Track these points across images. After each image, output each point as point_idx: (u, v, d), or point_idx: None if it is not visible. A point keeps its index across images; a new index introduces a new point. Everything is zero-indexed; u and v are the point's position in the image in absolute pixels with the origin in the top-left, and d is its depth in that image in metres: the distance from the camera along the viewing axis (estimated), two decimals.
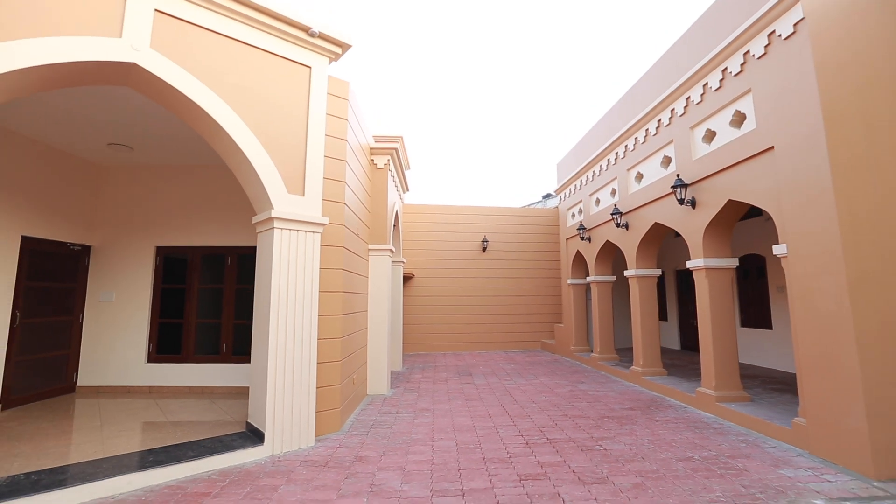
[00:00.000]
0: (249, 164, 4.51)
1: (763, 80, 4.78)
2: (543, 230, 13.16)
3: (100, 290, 6.88)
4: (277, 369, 4.44)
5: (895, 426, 3.65)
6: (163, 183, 7.14)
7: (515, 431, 5.04)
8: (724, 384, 5.59)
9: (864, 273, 3.84)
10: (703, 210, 5.82)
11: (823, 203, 4.04)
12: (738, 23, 5.11)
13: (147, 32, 3.95)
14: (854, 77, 4.14)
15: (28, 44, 3.36)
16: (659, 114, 6.85)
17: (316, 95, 5.11)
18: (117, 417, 5.29)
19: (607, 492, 3.44)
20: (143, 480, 3.61)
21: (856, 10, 4.26)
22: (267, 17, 4.66)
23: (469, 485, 3.60)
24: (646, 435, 4.85)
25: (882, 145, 4.04)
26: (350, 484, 3.64)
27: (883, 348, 3.75)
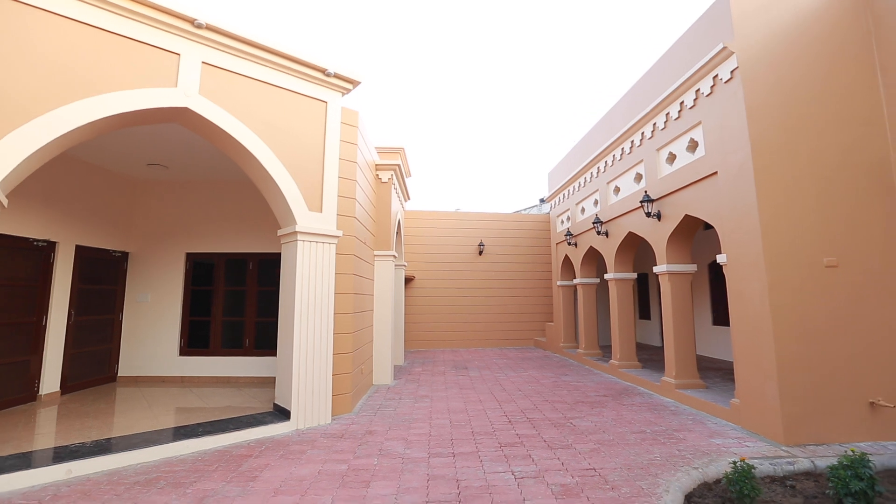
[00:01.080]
0: (277, 187, 5.40)
1: (710, 114, 5.65)
2: (536, 235, 14.03)
3: (137, 292, 7.78)
4: (300, 359, 5.32)
5: (801, 404, 4.52)
6: (192, 196, 8.04)
7: (501, 413, 5.92)
8: (683, 373, 6.46)
9: (781, 281, 4.71)
10: (667, 222, 6.69)
11: (751, 222, 4.92)
12: (692, 63, 5.97)
13: (196, 81, 4.84)
14: (779, 117, 5.01)
15: (112, 97, 4.26)
16: (632, 135, 7.72)
17: (331, 125, 6.00)
18: (161, 401, 6.18)
19: (568, 454, 4.32)
20: (196, 446, 4.50)
21: (783, 60, 5.12)
22: (290, 62, 5.55)
23: (459, 449, 4.48)
24: (611, 415, 5.73)
25: (799, 176, 4.90)
26: (363, 449, 4.53)
27: (793, 343, 4.62)
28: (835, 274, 4.77)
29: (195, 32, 4.81)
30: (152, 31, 4.57)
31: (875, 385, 4.61)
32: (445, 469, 3.98)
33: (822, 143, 4.99)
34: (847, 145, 4.99)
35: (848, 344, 4.66)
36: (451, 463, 4.13)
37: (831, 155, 4.97)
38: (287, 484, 3.69)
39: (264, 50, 5.31)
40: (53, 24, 4.03)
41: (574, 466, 4.01)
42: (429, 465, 4.10)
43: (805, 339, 4.64)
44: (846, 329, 4.68)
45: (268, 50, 5.33)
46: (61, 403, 6.06)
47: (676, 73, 6.31)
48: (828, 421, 4.52)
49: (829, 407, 4.56)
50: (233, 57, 5.13)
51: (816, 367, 4.61)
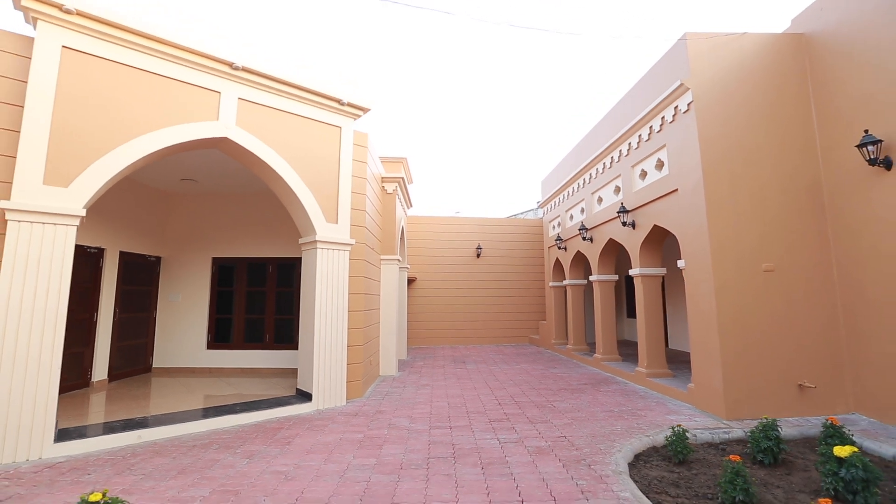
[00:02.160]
0: (299, 202, 6.30)
1: (672, 139, 6.53)
2: (530, 238, 14.92)
3: (169, 292, 8.69)
4: (320, 350, 6.22)
5: (740, 386, 5.40)
6: (218, 207, 8.95)
7: (493, 397, 6.81)
8: (654, 364, 7.34)
9: (726, 283, 5.60)
10: (640, 231, 7.58)
11: (702, 234, 5.81)
12: (658, 93, 6.86)
13: (234, 114, 5.75)
14: (727, 144, 5.90)
15: (167, 131, 5.17)
16: (612, 151, 8.60)
17: (345, 147, 6.90)
18: (197, 388, 7.09)
19: (546, 426, 5.21)
20: (236, 420, 5.40)
21: (732, 95, 6.01)
22: (311, 94, 6.45)
23: (455, 424, 5.38)
24: (588, 399, 6.62)
25: (743, 195, 5.79)
26: (374, 424, 5.42)
27: (735, 336, 5.50)
28: (772, 277, 5.66)
29: (232, 73, 5.72)
30: (198, 73, 5.48)
31: (803, 370, 5.50)
32: (443, 437, 4.88)
33: (764, 166, 5.88)
34: (785, 169, 5.88)
35: (781, 336, 5.55)
36: (448, 433, 5.03)
37: (771, 177, 5.85)
38: (316, 447, 4.59)
39: (289, 85, 6.21)
40: (120, 73, 4.94)
41: (549, 435, 4.90)
42: (430, 434, 4.99)
43: (745, 333, 5.53)
44: (780, 324, 5.57)
45: (292, 85, 6.23)
46: (110, 389, 6.97)
47: (647, 100, 7.20)
48: (763, 400, 5.41)
49: (765, 388, 5.45)
50: (263, 92, 6.04)
51: (754, 356, 5.49)
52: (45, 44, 4.53)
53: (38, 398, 4.17)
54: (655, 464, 4.23)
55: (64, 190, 4.51)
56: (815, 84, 6.02)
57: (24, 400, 4.12)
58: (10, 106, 4.45)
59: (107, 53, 4.87)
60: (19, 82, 4.51)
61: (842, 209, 5.63)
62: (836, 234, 5.71)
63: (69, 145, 4.58)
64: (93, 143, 4.71)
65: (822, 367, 5.53)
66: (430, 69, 63.10)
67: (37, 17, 4.52)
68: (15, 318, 4.15)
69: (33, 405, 4.15)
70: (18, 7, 4.51)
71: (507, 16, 53.17)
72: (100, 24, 4.76)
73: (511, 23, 39.56)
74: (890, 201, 5.01)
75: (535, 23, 54.41)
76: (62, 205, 4.48)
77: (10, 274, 4.18)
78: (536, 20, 55.67)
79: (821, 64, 5.95)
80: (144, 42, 5.04)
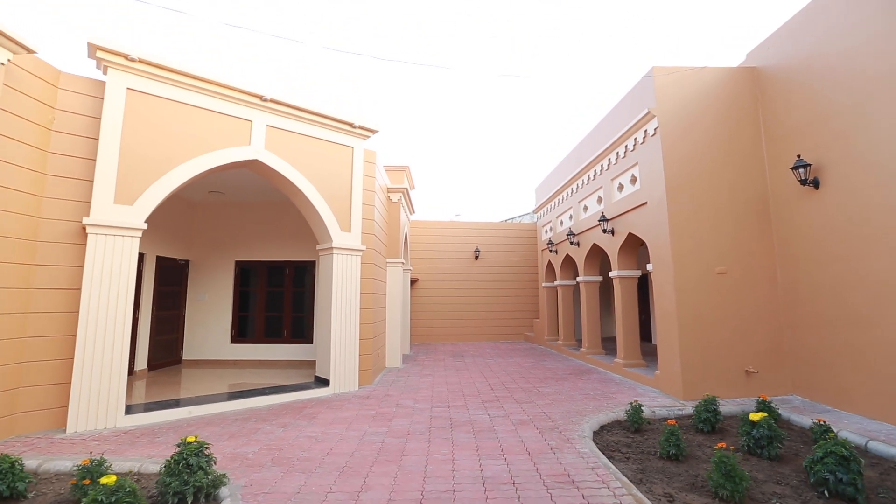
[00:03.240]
0: (318, 213, 7.26)
1: (643, 158, 7.48)
2: (525, 242, 15.87)
3: (196, 292, 9.66)
4: (336, 342, 7.18)
5: (695, 372, 6.34)
6: (240, 215, 9.92)
7: (486, 384, 7.76)
8: (629, 355, 8.29)
9: (684, 284, 6.54)
10: (618, 237, 8.52)
11: (665, 242, 6.75)
12: (632, 117, 7.80)
13: (263, 139, 6.71)
14: (686, 164, 6.84)
15: (209, 155, 6.13)
16: (595, 165, 9.55)
17: (356, 164, 7.86)
18: (226, 376, 8.05)
19: (529, 406, 6.16)
20: (267, 401, 6.36)
21: (691, 121, 6.95)
22: (327, 120, 7.40)
23: (452, 404, 6.33)
24: (569, 386, 7.56)
25: (699, 207, 6.73)
26: (384, 404, 6.38)
27: (692, 329, 6.44)
28: (724, 279, 6.60)
29: (262, 104, 6.68)
30: (234, 105, 6.44)
31: (749, 358, 6.44)
32: (442, 413, 5.84)
33: (719, 183, 6.82)
34: (735, 184, 6.82)
35: (731, 329, 6.50)
36: (446, 410, 5.98)
37: (723, 192, 6.80)
38: (336, 420, 5.55)
39: (308, 112, 7.16)
40: (172, 108, 5.91)
41: (531, 412, 5.85)
42: (431, 411, 5.95)
43: (701, 327, 6.47)
44: (730, 318, 6.52)
45: (311, 112, 7.18)
46: (150, 377, 7.94)
47: (623, 123, 8.14)
48: (715, 383, 6.35)
49: (717, 374, 6.39)
50: (287, 119, 7.00)
51: (708, 346, 6.44)
52: (114, 86, 5.50)
53: (112, 378, 5.14)
54: (615, 432, 5.17)
55: (130, 207, 5.48)
56: (765, 112, 6.97)
57: (102, 379, 5.08)
58: (88, 139, 5.42)
59: (161, 92, 5.83)
60: (94, 119, 5.48)
61: (783, 220, 6.58)
62: (779, 242, 6.66)
63: (133, 170, 5.54)
64: (151, 168, 5.68)
65: (765, 356, 6.48)
66: (431, 75, 63.96)
67: (107, 65, 5.48)
68: (95, 313, 5.12)
69: (109, 383, 5.12)
70: (93, 56, 5.47)
71: None
72: (156, 69, 5.72)
73: (502, 73, 40.53)
74: (817, 215, 5.96)
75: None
76: (128, 220, 5.44)
77: (90, 277, 5.15)
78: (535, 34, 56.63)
79: (769, 95, 6.89)
80: (191, 81, 5.99)
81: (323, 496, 3.42)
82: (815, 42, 6.05)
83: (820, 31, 5.99)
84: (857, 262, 5.43)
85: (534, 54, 58.82)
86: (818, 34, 6.01)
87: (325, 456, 4.29)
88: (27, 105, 4.99)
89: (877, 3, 5.20)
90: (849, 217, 5.54)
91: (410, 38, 57.44)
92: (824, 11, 5.93)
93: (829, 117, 5.82)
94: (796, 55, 6.38)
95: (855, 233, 5.46)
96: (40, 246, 5.09)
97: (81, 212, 5.30)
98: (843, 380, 5.63)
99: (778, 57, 6.73)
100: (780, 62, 6.69)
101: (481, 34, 54.31)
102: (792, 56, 6.46)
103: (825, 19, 5.91)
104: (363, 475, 3.82)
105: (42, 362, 4.97)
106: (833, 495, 3.38)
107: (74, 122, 5.40)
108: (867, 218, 5.30)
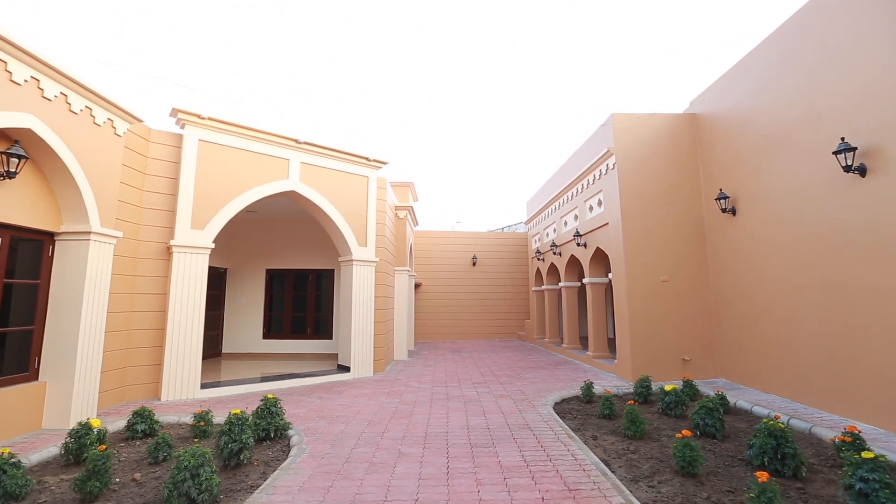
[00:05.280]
0: (340, 232, 8.94)
1: (605, 187, 9.13)
2: (518, 250, 17.51)
3: (234, 295, 11.36)
4: (355, 336, 8.85)
5: (643, 360, 7.97)
6: (270, 230, 11.63)
7: (478, 372, 9.41)
8: (598, 348, 9.92)
9: (635, 290, 8.17)
10: (589, 250, 10.16)
11: (621, 256, 8.40)
12: (597, 153, 9.45)
13: (298, 174, 8.40)
14: (638, 192, 8.48)
15: (257, 189, 7.82)
16: (573, 188, 11.20)
17: (371, 190, 9.54)
18: (263, 366, 9.73)
19: (510, 386, 7.80)
20: (301, 382, 8.03)
21: (643, 158, 8.59)
22: (348, 155, 9.09)
23: (449, 385, 7.99)
24: (545, 373, 9.20)
25: (648, 228, 8.37)
26: (395, 384, 8.04)
27: (639, 326, 8.07)
28: (667, 286, 8.24)
29: (297, 146, 8.37)
30: (276, 148, 8.13)
31: (685, 348, 8.07)
32: (441, 390, 7.50)
33: (663, 209, 8.46)
34: (679, 210, 8.46)
35: (671, 326, 8.13)
36: (444, 389, 7.64)
37: (668, 215, 8.44)
38: (359, 395, 7.21)
39: (333, 150, 8.85)
40: (231, 152, 7.60)
41: (511, 390, 7.50)
42: (432, 389, 7.61)
43: (647, 323, 8.11)
44: (671, 317, 8.15)
45: (335, 150, 8.87)
46: (204, 365, 9.62)
47: (592, 155, 9.80)
48: (658, 369, 7.97)
49: (659, 361, 8.02)
50: (316, 156, 8.69)
51: (653, 340, 8.07)
52: (189, 139, 7.20)
53: (192, 361, 6.82)
54: (572, 403, 6.81)
55: (201, 231, 7.18)
56: (702, 152, 8.62)
57: (184, 361, 6.76)
58: (170, 179, 7.12)
59: (223, 141, 7.53)
60: (174, 163, 7.18)
61: (713, 240, 8.23)
62: (711, 257, 8.30)
63: (203, 203, 7.24)
64: (217, 200, 7.37)
65: (698, 346, 8.11)
66: (433, 83, 65.85)
67: (184, 122, 7.18)
68: (178, 312, 6.81)
69: (190, 365, 6.80)
70: (174, 115, 7.18)
71: None
72: (220, 124, 7.42)
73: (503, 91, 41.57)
74: (735, 237, 7.60)
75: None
76: (201, 241, 7.14)
77: (175, 284, 6.84)
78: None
79: (705, 138, 8.54)
80: (244, 131, 7.69)
81: (359, 434, 5.09)
82: (737, 98, 7.69)
83: (740, 89, 7.64)
84: (759, 273, 7.07)
85: (533, 55, 60.49)
86: (739, 91, 7.66)
87: (355, 415, 5.96)
88: (132, 157, 6.70)
89: (777, 72, 6.83)
90: (754, 238, 7.18)
91: (410, 39, 59.23)
92: (745, 74, 7.56)
93: (743, 160, 7.47)
94: (724, 106, 8.03)
95: (758, 251, 7.10)
96: (139, 261, 6.79)
97: (167, 235, 7.01)
98: (750, 364, 7.26)
99: (712, 106, 8.38)
100: (713, 111, 8.34)
101: (481, 34, 56.07)
102: (721, 107, 8.11)
103: (745, 80, 7.54)
104: (384, 424, 5.49)
105: (142, 349, 6.67)
106: (703, 434, 5.01)
107: (161, 167, 7.10)
108: (766, 239, 6.94)
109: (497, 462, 4.23)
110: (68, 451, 4.23)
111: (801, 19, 6.32)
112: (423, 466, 4.13)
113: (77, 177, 5.39)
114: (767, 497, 3.00)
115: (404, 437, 5.01)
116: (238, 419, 4.33)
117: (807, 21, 6.20)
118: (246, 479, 3.91)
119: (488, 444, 4.73)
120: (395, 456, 4.41)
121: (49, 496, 3.59)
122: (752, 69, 7.32)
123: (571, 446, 4.66)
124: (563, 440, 4.87)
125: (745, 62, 7.49)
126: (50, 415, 5.22)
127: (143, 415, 5.07)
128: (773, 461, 3.95)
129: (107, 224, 5.89)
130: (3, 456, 3.48)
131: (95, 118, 5.72)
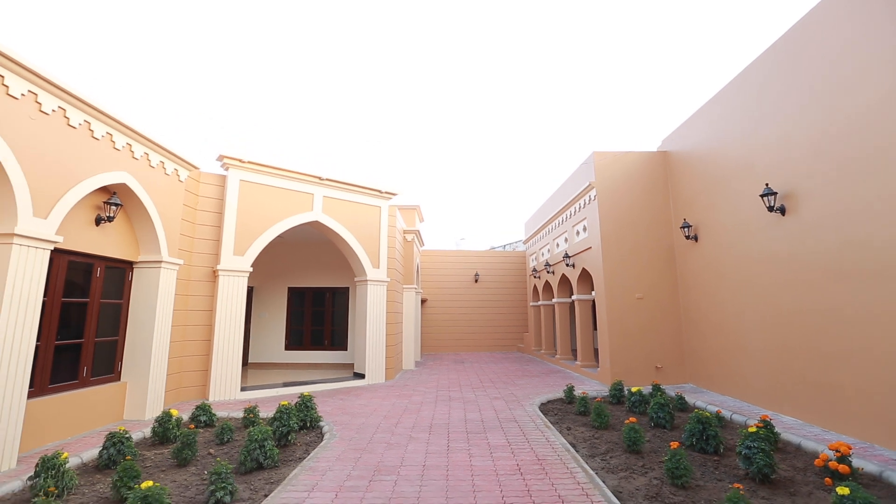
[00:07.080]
0: (356, 255, 10.25)
1: (588, 215, 10.39)
2: (517, 267, 18.74)
3: (259, 310, 12.66)
4: (369, 347, 10.08)
5: (621, 367, 9.12)
6: (292, 251, 12.97)
7: (478, 380, 10.58)
8: (585, 358, 11.07)
9: (613, 306, 9.36)
10: (577, 270, 11.38)
11: (601, 277, 9.61)
12: (580, 185, 10.74)
13: (321, 206, 9.76)
14: (616, 221, 9.73)
15: (286, 220, 9.17)
16: (563, 213, 12.48)
17: (383, 218, 10.87)
18: (285, 374, 10.96)
19: (505, 390, 8.98)
20: (323, 387, 9.25)
21: (620, 191, 9.86)
22: (364, 188, 10.45)
23: (451, 389, 9.18)
24: (538, 380, 10.35)
25: (625, 252, 9.60)
26: (405, 389, 9.24)
27: (617, 337, 9.25)
28: (642, 303, 9.43)
29: (320, 182, 9.74)
30: (302, 184, 9.50)
31: (658, 357, 9.22)
32: (444, 394, 8.69)
33: (639, 235, 9.70)
34: (651, 236, 9.70)
35: (646, 338, 9.29)
36: (447, 392, 8.84)
37: (643, 241, 9.67)
38: (374, 396, 8.42)
39: (351, 184, 10.22)
40: (266, 189, 8.97)
41: (504, 393, 8.68)
42: (436, 393, 8.80)
43: (624, 335, 9.28)
44: (645, 330, 9.32)
45: (353, 184, 10.24)
46: None
47: (578, 186, 11.09)
48: (634, 375, 9.11)
49: (635, 368, 9.16)
50: (336, 190, 10.05)
51: (630, 349, 9.23)
52: (232, 179, 8.59)
53: (234, 367, 8.09)
54: (556, 403, 7.97)
55: (242, 258, 8.51)
56: (672, 185, 9.88)
57: (228, 367, 8.03)
58: (215, 213, 8.49)
59: (259, 180, 8.91)
60: (218, 200, 8.55)
61: (681, 263, 9.44)
62: (679, 277, 9.50)
63: (243, 233, 8.59)
64: (254, 230, 8.72)
65: (670, 355, 9.26)
66: (437, 98, 67.98)
67: (228, 165, 8.57)
68: (223, 326, 8.10)
69: (232, 370, 8.06)
70: (219, 159, 8.57)
71: None
72: (258, 166, 8.81)
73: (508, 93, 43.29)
74: (697, 260, 8.82)
75: None
76: (241, 266, 8.47)
77: (221, 302, 8.15)
78: None
79: (675, 173, 9.81)
80: (277, 171, 9.07)
81: (377, 425, 6.31)
82: (698, 139, 8.97)
83: (700, 131, 8.92)
84: (714, 293, 8.26)
85: (533, 55, 62.30)
86: (700, 133, 8.93)
87: (372, 411, 7.17)
88: (189, 197, 8.08)
89: (725, 121, 8.10)
90: (710, 263, 8.39)
91: (410, 38, 61.36)
92: (703, 118, 8.83)
93: (702, 192, 8.72)
94: (688, 146, 9.31)
95: (712, 274, 8.30)
96: (191, 283, 8.11)
97: (213, 261, 8.34)
98: (711, 371, 8.40)
99: (680, 145, 9.67)
100: (681, 149, 9.62)
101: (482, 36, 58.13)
102: (685, 146, 9.39)
103: (702, 124, 8.81)
104: (397, 418, 6.70)
105: (193, 356, 7.95)
106: (657, 425, 6.17)
107: (209, 203, 8.47)
108: (718, 265, 8.15)
109: (486, 443, 5.43)
110: (155, 433, 5.48)
111: (745, 76, 7.60)
112: (429, 445, 5.34)
113: (153, 216, 6.76)
114: (676, 459, 4.19)
115: (414, 426, 6.22)
116: (286, 409, 5.58)
117: (750, 78, 7.48)
118: (294, 454, 5.14)
119: (481, 432, 5.93)
120: (407, 439, 5.62)
121: (151, 462, 4.84)
122: (708, 115, 8.61)
123: (547, 433, 5.84)
124: (542, 429, 6.05)
125: (705, 108, 8.79)
126: (130, 408, 6.49)
127: (204, 408, 6.33)
128: (699, 441, 5.12)
129: (172, 254, 7.24)
130: (121, 432, 4.75)
131: (166, 169, 7.12)
